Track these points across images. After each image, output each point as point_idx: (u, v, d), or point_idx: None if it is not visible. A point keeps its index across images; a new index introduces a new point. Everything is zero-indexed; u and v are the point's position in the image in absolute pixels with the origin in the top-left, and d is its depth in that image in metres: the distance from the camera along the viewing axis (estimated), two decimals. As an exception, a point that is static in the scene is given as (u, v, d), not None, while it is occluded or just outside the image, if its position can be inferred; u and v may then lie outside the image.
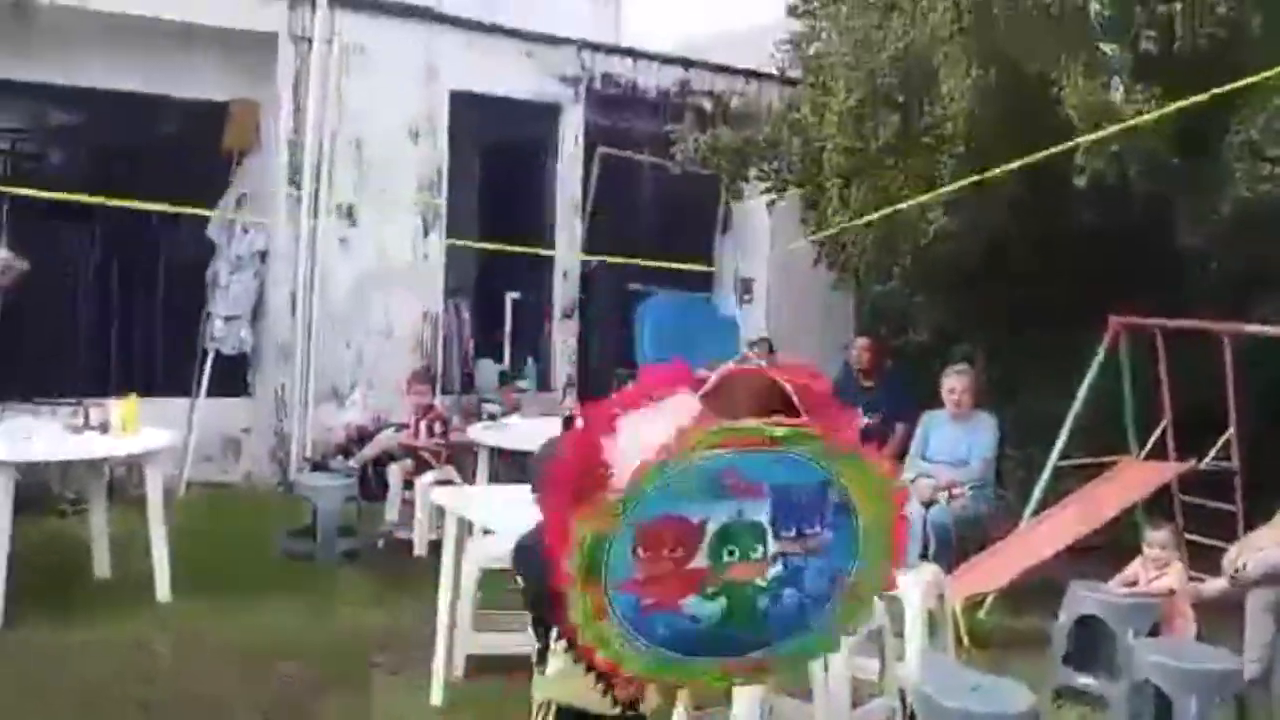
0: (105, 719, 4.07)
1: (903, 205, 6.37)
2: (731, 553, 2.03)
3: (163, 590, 5.43)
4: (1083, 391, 6.16)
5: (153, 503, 5.49)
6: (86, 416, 5.65)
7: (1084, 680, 4.59)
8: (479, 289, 9.48)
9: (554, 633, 2.38)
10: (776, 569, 2.04)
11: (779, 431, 1.99)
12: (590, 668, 2.31)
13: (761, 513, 2.01)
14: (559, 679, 2.41)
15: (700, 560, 2.02)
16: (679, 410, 2.08)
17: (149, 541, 5.45)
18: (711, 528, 2.02)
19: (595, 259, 9.37)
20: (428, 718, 4.16)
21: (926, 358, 7.51)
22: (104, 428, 5.61)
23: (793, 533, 2.03)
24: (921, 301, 7.93)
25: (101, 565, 5.78)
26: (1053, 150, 5.45)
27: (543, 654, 2.43)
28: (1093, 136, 5.21)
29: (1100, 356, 6.24)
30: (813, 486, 2.02)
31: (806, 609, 2.07)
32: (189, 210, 7.07)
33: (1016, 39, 5.87)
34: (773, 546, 2.02)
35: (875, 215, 6.53)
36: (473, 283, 9.40)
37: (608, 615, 2.05)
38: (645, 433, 2.02)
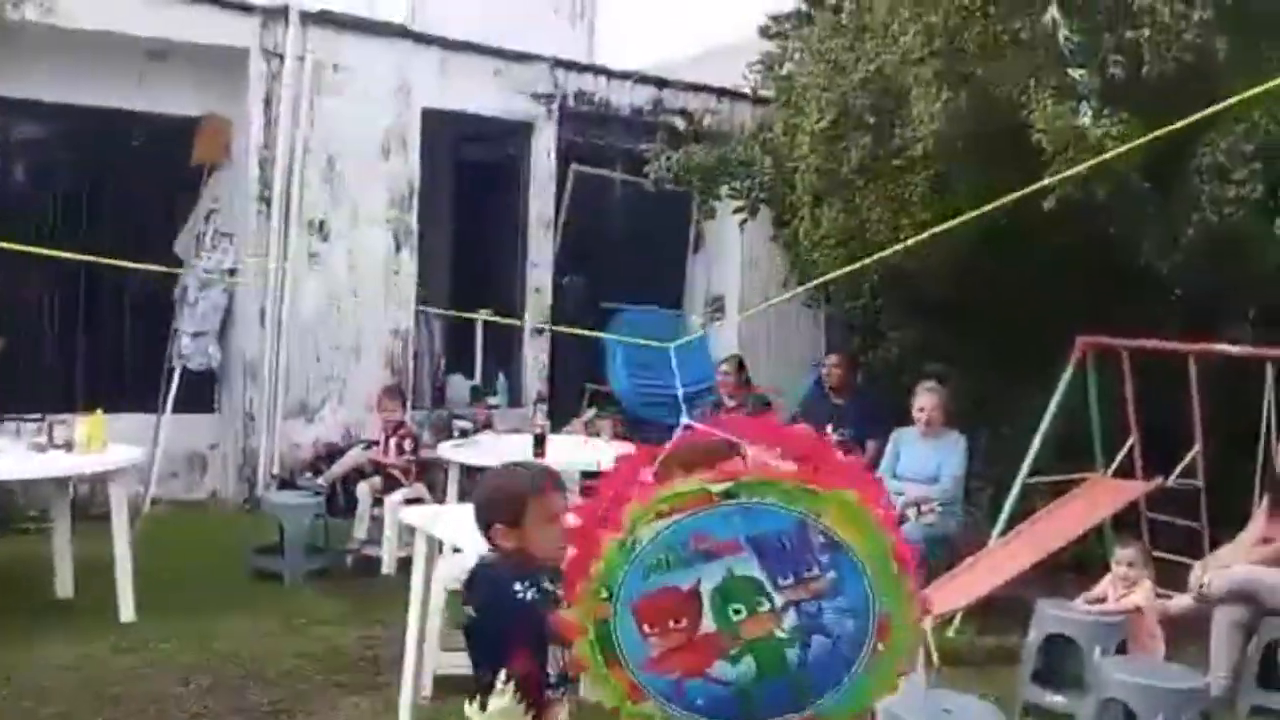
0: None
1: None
2: (738, 611, 2.03)
3: (126, 610, 5.36)
4: (1051, 410, 6.19)
5: (117, 521, 5.42)
6: (51, 433, 5.57)
7: (1052, 698, 4.60)
8: (451, 305, 9.46)
9: (502, 672, 2.37)
10: (791, 618, 2.04)
11: (716, 487, 1.99)
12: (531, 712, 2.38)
13: (751, 567, 2.01)
14: (499, 716, 2.39)
15: (708, 624, 2.04)
16: None
17: (113, 560, 5.39)
18: (707, 590, 2.02)
19: (567, 276, 9.38)
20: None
21: (897, 375, 7.55)
22: (69, 445, 5.54)
23: (791, 579, 2.02)
24: (892, 319, 7.97)
25: (64, 584, 5.71)
26: (1024, 191, 5.49)
27: (488, 687, 2.41)
28: (1070, 172, 5.24)
29: (1068, 376, 6.28)
30: (791, 530, 2.00)
31: (843, 653, 2.06)
32: (157, 268, 6.98)
33: (987, 63, 5.93)
34: (778, 597, 2.02)
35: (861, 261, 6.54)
36: (445, 298, 9.38)
37: (644, 695, 2.08)
38: None
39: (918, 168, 6.42)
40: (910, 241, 6.09)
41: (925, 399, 6.17)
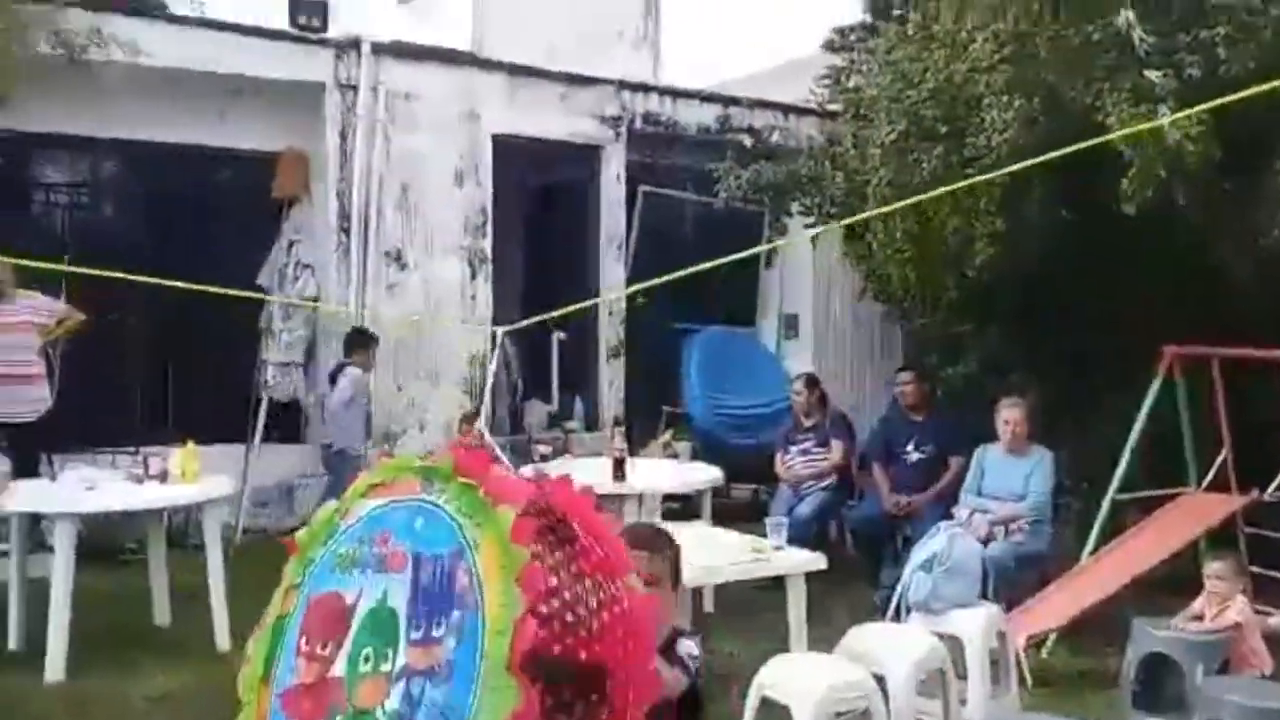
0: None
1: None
2: (368, 659, 1.78)
3: (222, 638, 5.48)
4: (1139, 423, 6.07)
5: (211, 551, 5.55)
6: (146, 466, 5.73)
7: (1153, 720, 4.50)
8: (526, 330, 9.55)
9: None
10: (394, 698, 1.72)
11: (420, 463, 1.84)
12: None
13: (400, 596, 1.76)
14: None
15: (339, 668, 1.80)
16: None
17: (207, 589, 5.52)
18: (360, 612, 1.80)
19: (641, 298, 9.41)
20: None
21: (977, 390, 7.44)
22: (163, 476, 5.69)
23: (420, 633, 1.74)
24: (969, 332, 7.87)
25: (162, 613, 5.85)
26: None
27: None
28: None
29: (1156, 386, 6.16)
30: (447, 558, 1.73)
31: None
32: (245, 294, 7.15)
33: (1059, 68, 5.85)
34: (400, 656, 1.74)
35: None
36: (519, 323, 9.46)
37: None
38: None
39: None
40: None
41: (1010, 413, 6.07)
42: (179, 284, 4.62)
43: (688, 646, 2.38)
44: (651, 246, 9.64)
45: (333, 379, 7.37)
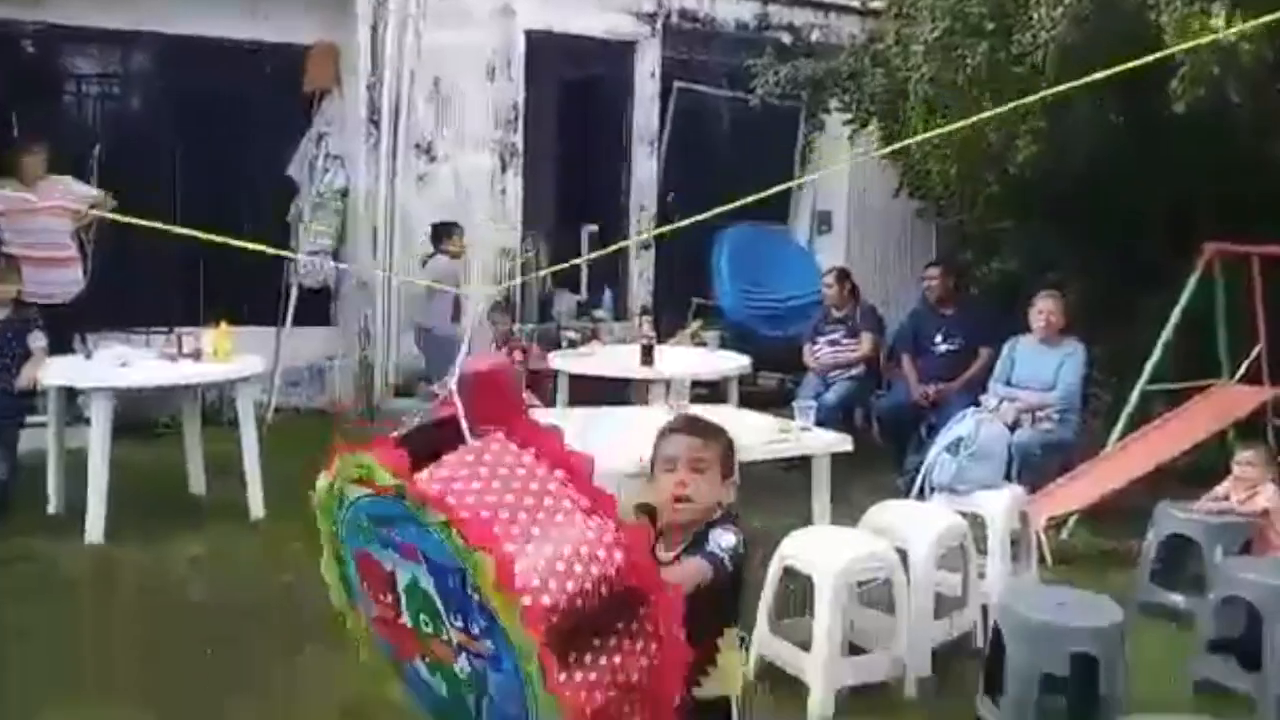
0: (205, 628, 4.21)
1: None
2: (426, 624, 1.82)
3: (256, 508, 5.60)
4: (1174, 318, 6.02)
5: (245, 426, 5.66)
6: (180, 344, 5.82)
7: (1171, 597, 4.53)
8: (556, 222, 9.53)
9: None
10: (464, 664, 1.79)
11: (387, 480, 1.76)
12: None
13: (430, 585, 1.78)
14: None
15: (406, 619, 1.85)
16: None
17: (241, 462, 5.63)
18: (401, 583, 1.83)
19: (671, 193, 9.36)
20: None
21: (1013, 287, 7.37)
22: (197, 355, 5.78)
23: (461, 625, 1.76)
24: (1008, 229, 7.77)
25: (197, 483, 5.99)
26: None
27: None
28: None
29: (1193, 283, 6.09)
30: (453, 574, 1.72)
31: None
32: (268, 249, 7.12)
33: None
34: (452, 633, 1.78)
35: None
36: (550, 217, 9.44)
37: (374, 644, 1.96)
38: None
39: (1037, 75, 6.19)
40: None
41: (1045, 303, 6.04)
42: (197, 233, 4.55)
43: (719, 537, 2.25)
44: (685, 144, 9.54)
45: (424, 265, 7.66)
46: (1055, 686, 3.51)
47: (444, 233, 7.67)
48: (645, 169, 9.25)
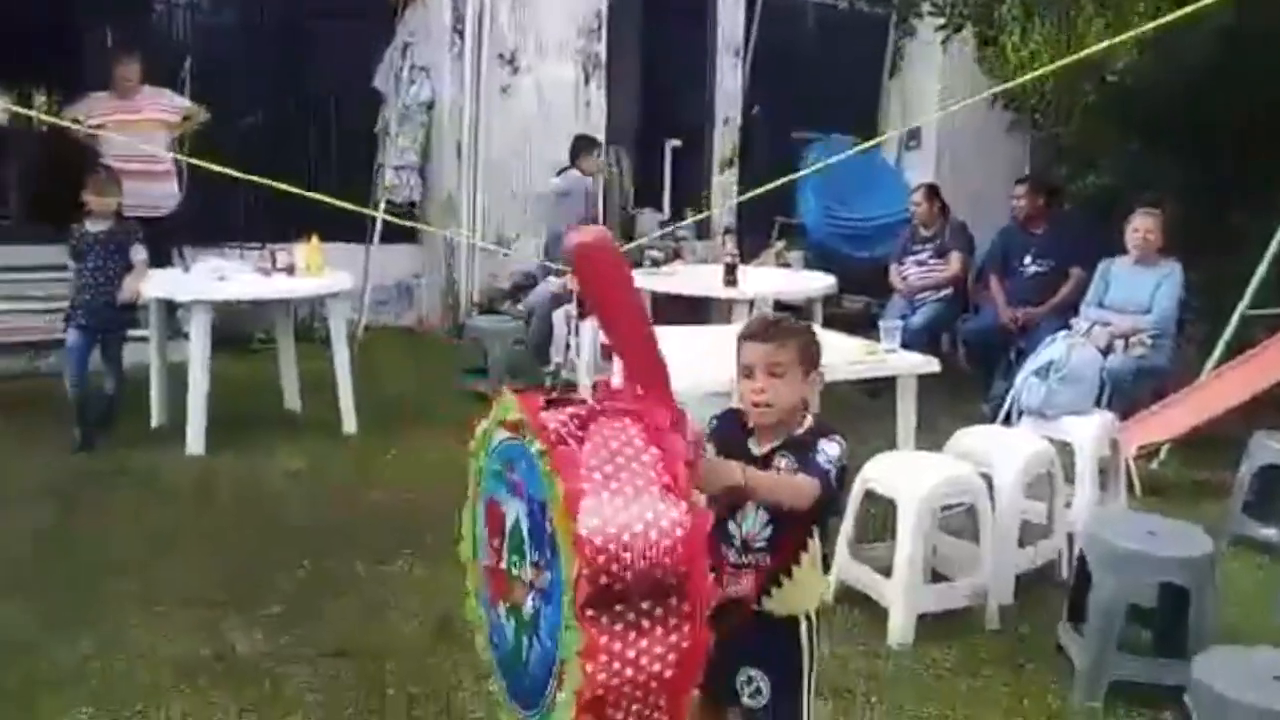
0: (300, 540, 4.36)
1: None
2: (516, 564, 1.89)
3: (349, 423, 5.76)
4: (1276, 240, 5.78)
5: (336, 340, 5.78)
6: (274, 259, 5.94)
7: (1264, 531, 4.45)
8: (638, 137, 9.44)
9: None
10: (529, 605, 1.86)
11: (513, 415, 1.86)
12: None
13: (524, 520, 1.87)
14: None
15: (504, 562, 1.93)
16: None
17: (334, 378, 5.77)
18: (508, 524, 1.90)
19: (756, 105, 9.20)
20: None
21: (1109, 204, 7.13)
22: (290, 270, 5.90)
23: (537, 555, 1.83)
24: (1106, 144, 7.48)
25: (292, 398, 6.16)
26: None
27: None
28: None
29: (1301, 202, 5.82)
30: (539, 504, 1.81)
31: (537, 678, 1.84)
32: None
33: None
34: (528, 570, 1.86)
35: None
36: (633, 131, 9.35)
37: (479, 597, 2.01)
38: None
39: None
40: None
41: (1142, 221, 5.83)
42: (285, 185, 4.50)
43: (826, 447, 2.23)
44: (771, 54, 9.33)
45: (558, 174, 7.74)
46: (1140, 617, 3.49)
47: (583, 148, 7.66)
48: (730, 79, 9.09)
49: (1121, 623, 3.37)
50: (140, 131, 6.59)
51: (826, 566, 2.47)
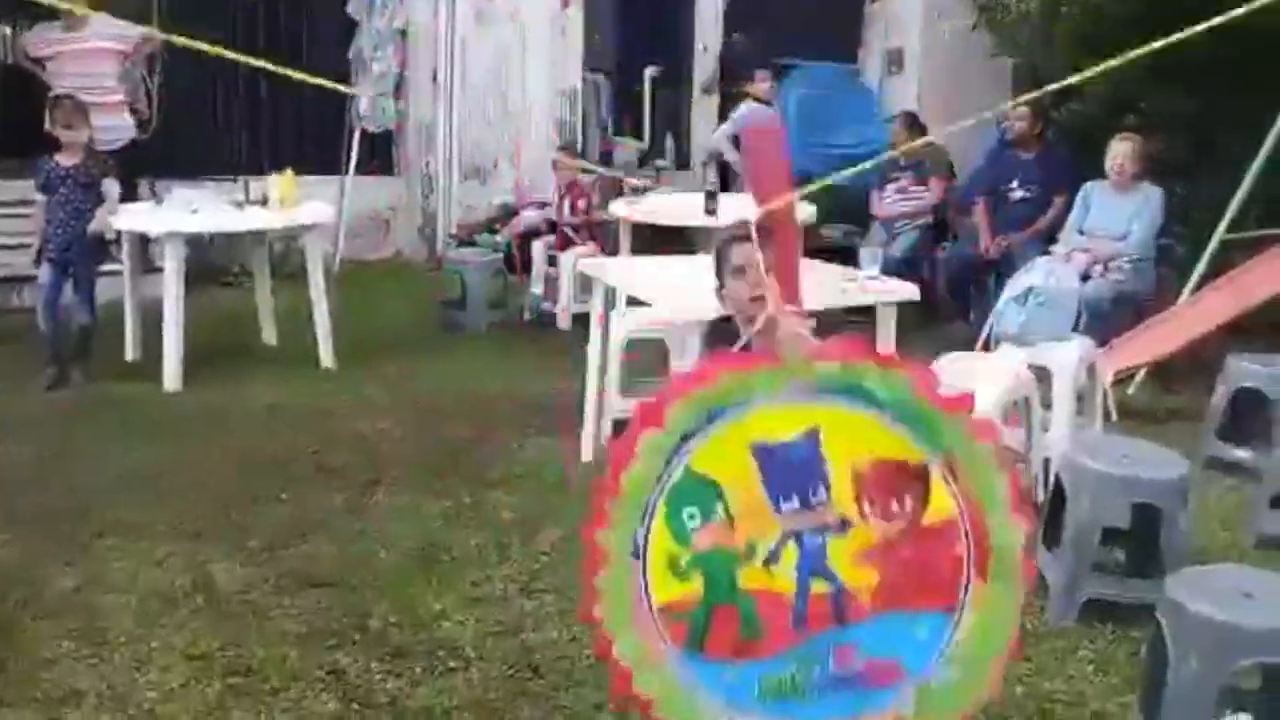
0: (279, 473, 4.36)
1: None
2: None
3: (326, 357, 5.73)
4: (1258, 162, 5.76)
5: (313, 273, 5.73)
6: (247, 191, 5.86)
7: (1237, 453, 4.49)
8: (617, 65, 9.30)
9: None
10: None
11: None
12: None
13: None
14: None
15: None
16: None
17: (311, 312, 5.72)
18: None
19: (735, 32, 9.06)
20: (581, 471, 4.36)
21: (1090, 131, 7.07)
22: (264, 202, 5.82)
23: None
24: (1089, 68, 7.38)
25: (269, 333, 6.12)
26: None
27: None
28: None
29: (1278, 128, 5.79)
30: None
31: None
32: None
33: None
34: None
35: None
36: (611, 58, 9.21)
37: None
38: None
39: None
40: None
41: (1120, 148, 5.80)
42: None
43: (791, 324, 2.33)
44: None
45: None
46: (1114, 540, 3.53)
47: (743, 76, 7.41)
48: (709, 6, 8.94)
49: (1096, 544, 3.42)
50: (91, 63, 6.43)
51: None
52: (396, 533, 3.81)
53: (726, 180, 7.62)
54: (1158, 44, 1.85)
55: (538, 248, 6.84)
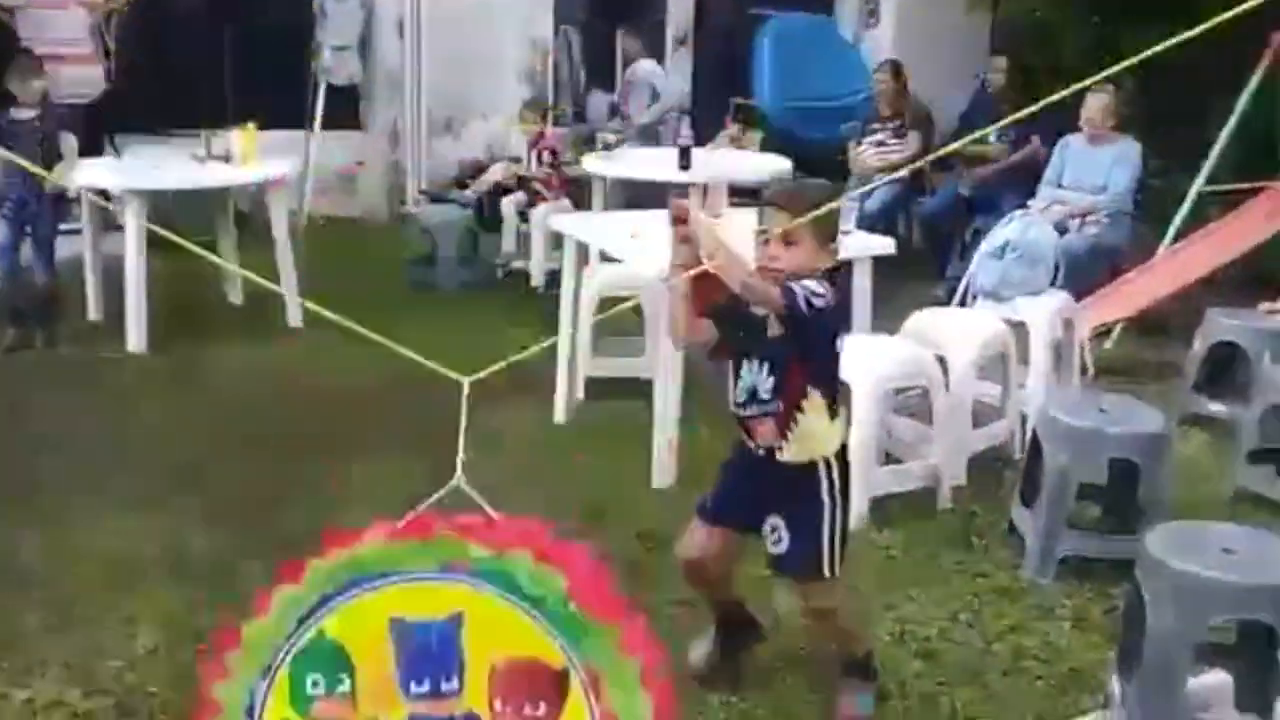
0: (249, 436, 4.28)
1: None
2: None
3: (294, 316, 5.62)
4: (1236, 114, 5.72)
5: (278, 231, 5.62)
6: (209, 146, 5.71)
7: (1214, 407, 4.49)
8: (588, 16, 9.13)
9: None
10: None
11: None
12: None
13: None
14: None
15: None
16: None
17: (276, 271, 5.60)
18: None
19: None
20: (552, 433, 4.30)
21: (1070, 82, 7.01)
22: (226, 158, 5.68)
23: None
24: (1066, 21, 7.31)
25: (235, 292, 6.00)
26: None
27: None
28: None
29: (1257, 77, 5.75)
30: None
31: None
32: None
33: None
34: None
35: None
36: (582, 9, 9.04)
37: None
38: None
39: None
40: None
41: (1094, 101, 5.74)
42: None
43: (808, 283, 2.37)
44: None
45: None
46: (1090, 496, 3.52)
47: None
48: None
49: (1073, 499, 3.40)
50: (60, 14, 6.26)
51: (834, 414, 2.55)
52: (368, 495, 3.74)
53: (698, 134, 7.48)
54: (1158, 46, 1.75)
55: (507, 204, 6.73)
